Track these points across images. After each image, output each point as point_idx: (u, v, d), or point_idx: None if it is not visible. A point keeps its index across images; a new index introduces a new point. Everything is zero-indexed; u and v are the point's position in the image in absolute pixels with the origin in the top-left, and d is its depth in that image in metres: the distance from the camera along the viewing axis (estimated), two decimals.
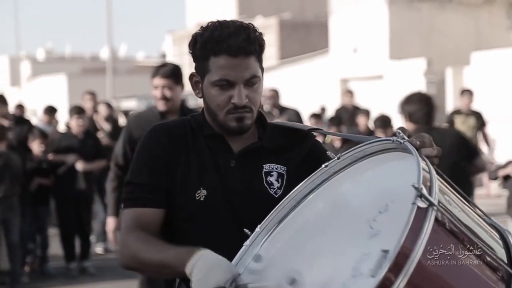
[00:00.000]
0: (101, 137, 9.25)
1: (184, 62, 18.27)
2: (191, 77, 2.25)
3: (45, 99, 23.76)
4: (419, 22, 18.73)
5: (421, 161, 1.77)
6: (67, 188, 8.17)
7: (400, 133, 1.90)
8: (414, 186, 1.66)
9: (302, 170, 2.18)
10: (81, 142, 8.30)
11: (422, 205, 1.64)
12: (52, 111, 11.36)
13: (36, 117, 17.90)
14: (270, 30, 28.76)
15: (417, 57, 17.42)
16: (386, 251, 1.60)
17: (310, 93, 20.32)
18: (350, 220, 1.94)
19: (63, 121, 13.01)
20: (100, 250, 9.37)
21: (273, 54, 28.08)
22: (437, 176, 1.78)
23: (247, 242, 2.04)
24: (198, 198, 2.16)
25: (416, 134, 1.93)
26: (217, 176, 2.18)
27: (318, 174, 2.12)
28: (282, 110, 9.64)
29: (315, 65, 21.80)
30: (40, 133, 8.40)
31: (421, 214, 1.63)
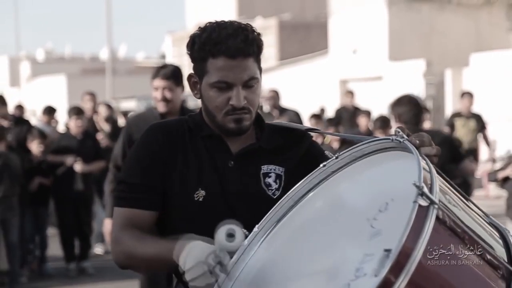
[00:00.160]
0: (101, 138, 9.23)
1: (184, 62, 18.24)
2: (189, 77, 2.25)
3: (44, 100, 23.72)
4: (419, 23, 18.72)
5: (421, 159, 1.76)
6: (66, 188, 8.17)
7: (399, 132, 1.89)
8: (415, 184, 1.65)
9: (300, 170, 2.18)
10: (79, 142, 8.29)
11: (423, 203, 1.64)
12: (51, 112, 11.35)
13: (35, 117, 17.89)
14: (269, 31, 28.74)
15: (416, 58, 17.42)
16: (388, 251, 1.59)
17: (309, 94, 20.32)
18: (349, 219, 1.93)
19: (63, 121, 13.01)
20: (99, 251, 9.36)
21: (272, 55, 28.07)
22: (437, 175, 1.78)
23: (245, 242, 2.02)
24: (196, 198, 2.16)
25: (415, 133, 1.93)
26: (215, 176, 2.17)
27: (316, 174, 2.11)
28: (282, 111, 9.65)
29: (315, 66, 21.80)
30: (39, 133, 8.39)
31: (422, 212, 1.63)
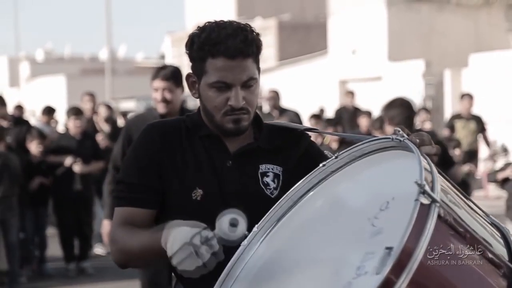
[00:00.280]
0: (101, 138, 9.23)
1: (183, 63, 18.23)
2: (188, 77, 2.25)
3: (44, 100, 23.70)
4: (418, 23, 18.71)
5: (422, 158, 1.75)
6: (65, 189, 8.16)
7: (399, 131, 1.89)
8: (417, 182, 1.64)
9: (298, 170, 2.18)
10: (78, 143, 8.29)
11: (425, 201, 1.63)
12: (50, 112, 11.36)
13: (35, 117, 17.88)
14: (269, 31, 28.72)
15: (416, 58, 17.40)
16: (389, 248, 1.58)
17: (309, 94, 20.30)
18: (350, 218, 1.92)
19: (63, 122, 13.00)
20: (100, 251, 9.35)
21: (272, 55, 28.05)
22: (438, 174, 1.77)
23: (245, 242, 2.02)
24: (194, 197, 2.16)
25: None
26: (213, 176, 2.17)
27: (315, 174, 2.11)
28: (282, 112, 9.66)
29: (314, 66, 21.78)
30: (38, 133, 8.38)
31: (424, 210, 1.62)
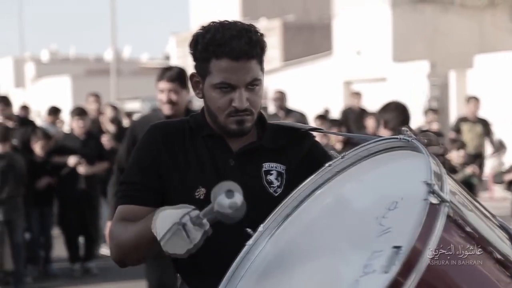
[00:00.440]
0: (106, 139, 9.23)
1: (188, 63, 18.25)
2: (192, 77, 2.25)
3: (49, 101, 23.74)
4: (423, 24, 18.68)
5: (430, 158, 1.74)
6: (70, 189, 8.16)
7: (407, 131, 1.89)
8: (426, 182, 1.64)
9: (301, 170, 2.18)
10: (82, 143, 8.28)
11: (434, 201, 1.62)
12: (55, 112, 11.38)
13: (40, 118, 17.91)
14: (273, 32, 28.70)
15: (420, 59, 17.38)
16: (398, 247, 1.57)
17: (313, 95, 20.29)
18: (357, 217, 1.91)
19: (68, 122, 13.01)
20: (105, 251, 9.34)
21: (276, 56, 28.02)
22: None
23: (250, 242, 2.02)
24: (197, 196, 2.16)
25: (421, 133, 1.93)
26: (216, 175, 2.17)
27: (321, 174, 2.10)
28: (288, 112, 9.66)
29: (319, 67, 21.76)
30: (43, 134, 8.39)
31: (433, 210, 1.61)
